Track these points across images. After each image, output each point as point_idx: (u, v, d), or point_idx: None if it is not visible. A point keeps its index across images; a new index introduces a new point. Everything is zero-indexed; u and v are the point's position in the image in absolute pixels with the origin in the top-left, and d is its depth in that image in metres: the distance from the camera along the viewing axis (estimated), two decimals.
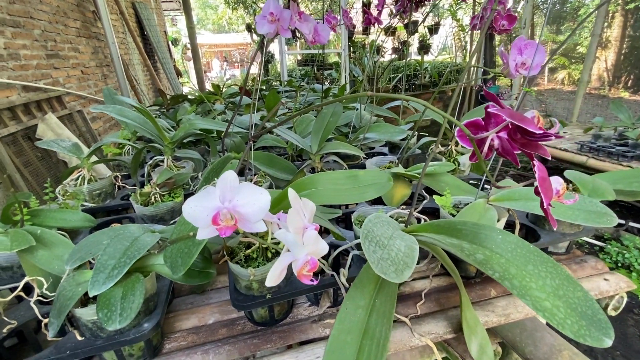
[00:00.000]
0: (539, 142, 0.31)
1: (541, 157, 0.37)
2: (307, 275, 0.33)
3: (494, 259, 0.43)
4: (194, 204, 0.36)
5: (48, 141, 1.04)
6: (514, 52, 0.61)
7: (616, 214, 0.54)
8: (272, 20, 0.87)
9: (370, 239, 0.39)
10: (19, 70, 2.04)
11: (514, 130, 0.30)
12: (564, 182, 0.32)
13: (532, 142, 0.32)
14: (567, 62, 7.76)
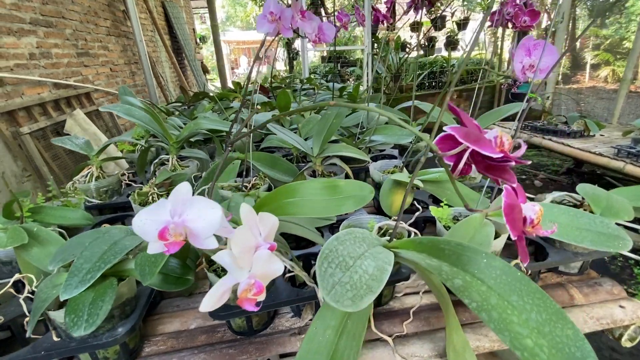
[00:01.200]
0: (503, 166, 0.27)
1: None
2: (250, 301, 0.31)
3: (474, 285, 0.39)
4: (145, 217, 0.34)
5: (62, 138, 1.08)
6: (521, 53, 0.55)
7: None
8: (272, 19, 0.85)
9: (331, 259, 0.36)
10: (50, 68, 2.15)
11: (474, 151, 0.27)
12: (540, 209, 0.27)
13: (495, 166, 0.27)
14: (612, 58, 7.22)
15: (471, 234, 0.55)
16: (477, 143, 0.24)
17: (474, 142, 0.24)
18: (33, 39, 2.02)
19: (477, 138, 0.24)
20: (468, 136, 0.24)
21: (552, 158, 3.79)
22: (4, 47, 1.77)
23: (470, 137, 0.24)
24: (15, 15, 1.88)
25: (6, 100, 1.75)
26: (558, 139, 2.53)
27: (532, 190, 3.05)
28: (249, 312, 0.54)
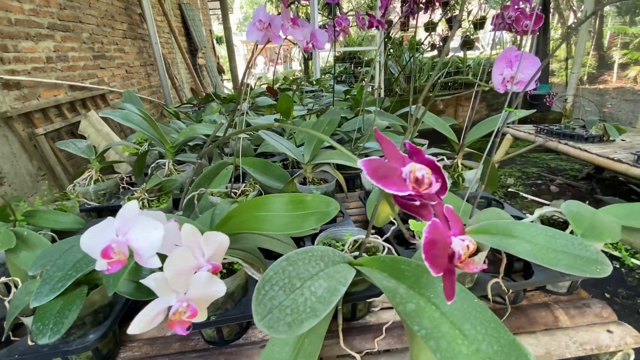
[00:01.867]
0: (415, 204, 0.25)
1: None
2: (182, 323, 0.31)
3: (427, 311, 0.38)
4: (92, 235, 0.35)
5: (66, 142, 1.12)
6: (501, 64, 0.53)
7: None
8: (262, 27, 0.85)
9: (275, 282, 0.35)
10: (67, 71, 2.24)
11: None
12: (472, 242, 0.26)
13: (407, 203, 0.26)
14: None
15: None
16: (382, 180, 0.23)
17: (380, 179, 0.23)
18: (50, 43, 2.10)
19: (385, 174, 0.23)
20: (375, 172, 0.23)
21: (571, 162, 3.64)
22: (22, 51, 1.85)
23: (377, 173, 0.23)
24: (34, 20, 1.97)
25: (23, 102, 1.83)
26: (575, 144, 2.43)
27: (548, 196, 2.94)
28: (216, 323, 0.55)
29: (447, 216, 0.27)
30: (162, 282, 0.30)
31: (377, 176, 0.23)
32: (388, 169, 0.24)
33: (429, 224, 0.25)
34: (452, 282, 0.27)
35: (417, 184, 0.24)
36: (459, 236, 0.26)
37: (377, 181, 0.23)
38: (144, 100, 3.32)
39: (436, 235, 0.25)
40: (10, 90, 1.76)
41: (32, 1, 1.97)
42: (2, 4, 1.74)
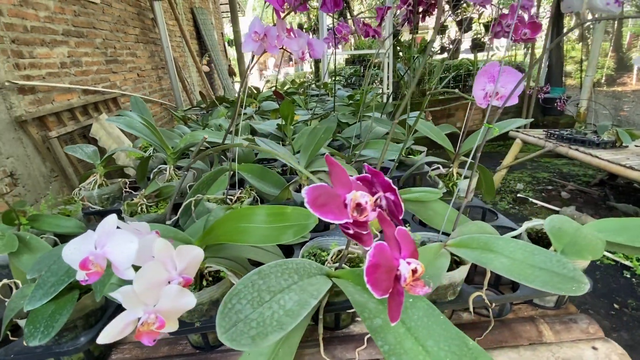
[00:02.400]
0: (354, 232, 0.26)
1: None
2: (150, 334, 0.33)
3: (393, 327, 0.38)
4: (74, 247, 0.37)
5: (74, 147, 1.17)
6: (483, 79, 0.53)
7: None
8: (257, 39, 0.87)
9: (243, 295, 0.37)
10: (80, 75, 2.31)
11: None
12: (419, 265, 0.26)
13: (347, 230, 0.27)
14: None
15: (425, 264, 0.54)
16: (320, 209, 0.24)
17: (318, 207, 0.24)
18: (65, 49, 2.17)
19: (324, 203, 0.24)
20: (315, 201, 0.24)
21: (584, 168, 3.55)
22: (37, 57, 1.93)
23: (316, 201, 0.24)
24: (49, 27, 2.04)
25: (37, 106, 1.90)
26: (586, 149, 2.37)
27: (558, 202, 2.88)
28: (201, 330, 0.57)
29: (399, 239, 0.28)
30: (130, 295, 0.32)
31: (316, 205, 0.24)
32: (330, 197, 0.25)
33: (373, 247, 0.25)
34: (398, 303, 0.27)
35: (358, 212, 0.25)
36: (407, 259, 0.27)
37: (315, 210, 0.24)
38: (154, 103, 3.39)
39: (380, 259, 0.26)
40: (25, 95, 1.83)
41: (48, 8, 2.05)
42: (19, 11, 1.82)
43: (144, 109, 1.47)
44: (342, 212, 0.25)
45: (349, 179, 0.27)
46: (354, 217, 0.25)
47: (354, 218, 0.25)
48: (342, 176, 0.26)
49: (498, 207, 2.93)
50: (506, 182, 3.33)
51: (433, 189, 0.84)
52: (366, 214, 0.25)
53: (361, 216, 0.25)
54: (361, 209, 0.25)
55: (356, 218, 0.25)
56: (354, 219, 0.25)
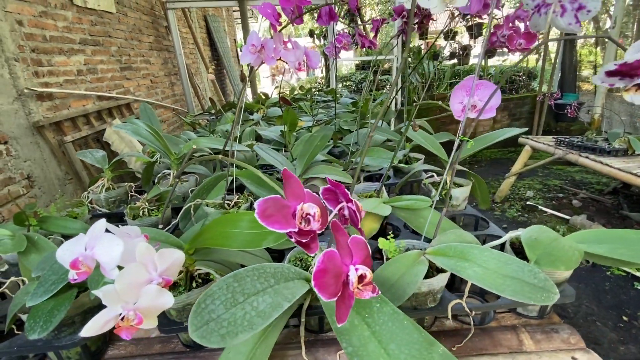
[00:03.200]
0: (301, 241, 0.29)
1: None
2: (128, 330, 0.36)
3: (358, 329, 0.40)
4: (66, 248, 0.41)
5: (84, 152, 1.23)
6: (461, 93, 0.55)
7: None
8: (254, 51, 0.91)
9: (217, 297, 0.40)
10: (95, 82, 2.41)
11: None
12: (367, 271, 0.28)
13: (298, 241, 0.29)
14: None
15: (402, 272, 0.56)
16: (266, 219, 0.26)
17: (265, 218, 0.26)
18: (81, 57, 2.27)
19: (271, 214, 0.27)
20: (264, 212, 0.26)
21: (597, 175, 3.47)
22: (55, 65, 2.02)
23: (265, 213, 0.27)
24: (67, 36, 2.14)
25: (54, 112, 1.99)
26: (596, 157, 2.33)
27: (569, 210, 2.83)
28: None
29: (352, 246, 0.30)
30: (112, 294, 0.35)
31: (264, 216, 0.27)
32: (279, 208, 0.28)
33: (322, 253, 0.28)
34: (346, 306, 0.30)
35: (306, 222, 0.27)
36: (356, 265, 0.29)
37: (262, 220, 0.27)
38: (167, 108, 3.49)
39: (329, 265, 0.28)
40: (43, 102, 1.92)
41: (66, 19, 2.15)
42: (38, 22, 1.92)
43: (152, 115, 1.53)
44: (289, 222, 0.28)
45: (302, 192, 0.29)
46: (301, 227, 0.27)
47: (300, 228, 0.27)
48: (296, 189, 0.29)
49: (506, 214, 2.89)
50: (515, 189, 3.28)
51: (423, 197, 0.86)
52: (310, 225, 0.27)
53: (307, 226, 0.27)
54: (309, 219, 0.27)
55: (302, 228, 0.27)
56: (300, 228, 0.27)
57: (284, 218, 0.27)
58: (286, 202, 0.28)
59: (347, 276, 0.29)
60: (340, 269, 0.28)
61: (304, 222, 0.27)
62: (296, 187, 0.29)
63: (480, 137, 1.01)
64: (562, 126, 4.29)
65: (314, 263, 0.65)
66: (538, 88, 4.17)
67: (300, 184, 0.29)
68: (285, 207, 0.28)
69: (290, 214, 0.27)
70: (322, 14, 0.95)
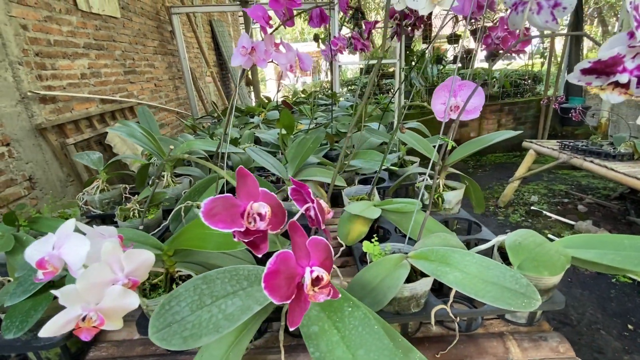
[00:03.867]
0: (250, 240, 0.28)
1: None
2: (89, 331, 0.35)
3: (328, 334, 0.39)
4: (35, 248, 0.41)
5: (81, 154, 1.24)
6: (443, 93, 0.54)
7: None
8: (244, 53, 0.91)
9: (183, 298, 0.39)
10: (99, 85, 2.44)
11: None
12: (324, 273, 0.27)
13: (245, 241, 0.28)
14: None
15: (383, 275, 0.55)
16: (210, 219, 0.26)
17: (210, 217, 0.26)
18: (85, 60, 2.31)
19: (216, 213, 0.26)
20: (209, 212, 0.26)
21: (604, 181, 3.41)
22: (59, 69, 2.06)
23: (210, 212, 0.26)
24: (71, 41, 2.18)
25: (57, 115, 2.02)
26: (601, 162, 2.29)
27: (574, 215, 2.77)
28: None
29: (310, 247, 0.29)
30: (71, 294, 0.35)
31: (209, 215, 0.26)
32: (227, 207, 0.27)
33: (276, 255, 0.27)
34: (301, 309, 0.29)
35: (254, 221, 0.26)
36: (313, 267, 0.28)
37: (206, 219, 0.26)
38: (170, 112, 3.53)
39: (281, 266, 0.27)
40: (46, 104, 1.95)
41: (71, 23, 2.19)
42: (43, 26, 1.95)
43: (150, 118, 1.54)
44: (236, 221, 0.27)
45: (257, 191, 0.28)
46: (249, 226, 0.26)
47: (247, 227, 0.27)
48: (251, 187, 0.28)
49: (510, 219, 2.85)
50: (520, 194, 3.24)
51: (414, 200, 0.84)
52: (256, 224, 0.26)
53: (255, 225, 0.26)
54: (260, 218, 0.26)
55: (250, 227, 0.26)
56: (247, 228, 0.27)
57: (230, 217, 0.26)
58: (237, 202, 0.27)
59: (302, 278, 0.28)
60: (294, 271, 0.28)
61: (253, 221, 0.26)
62: (251, 186, 0.28)
63: (474, 140, 0.99)
64: (567, 130, 4.23)
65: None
66: (543, 92, 4.12)
67: (256, 183, 0.28)
68: (234, 206, 0.27)
69: (239, 213, 0.27)
70: (313, 16, 0.95)
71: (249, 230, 0.27)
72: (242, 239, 0.27)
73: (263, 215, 0.26)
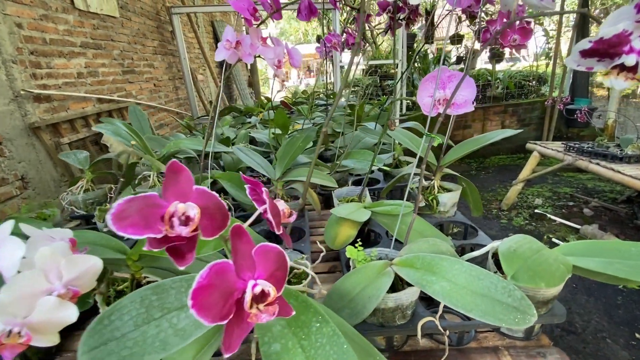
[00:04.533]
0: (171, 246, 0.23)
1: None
2: (14, 348, 0.31)
3: (291, 353, 0.35)
4: None
5: (67, 153, 1.21)
6: (429, 85, 0.49)
7: None
8: (229, 47, 0.87)
9: (126, 311, 0.34)
10: (96, 85, 2.42)
11: None
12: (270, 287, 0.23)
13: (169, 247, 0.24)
14: None
15: (364, 284, 0.50)
16: (119, 222, 0.21)
17: (118, 220, 0.21)
18: (82, 60, 2.29)
19: (127, 216, 0.21)
20: (119, 215, 0.21)
21: (611, 183, 3.32)
22: (54, 67, 2.04)
23: (121, 215, 0.21)
24: (67, 39, 2.16)
25: (52, 114, 2.00)
26: (607, 164, 2.22)
27: (579, 219, 2.70)
28: None
29: (257, 257, 0.25)
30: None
31: (119, 218, 0.22)
32: (145, 208, 0.22)
33: (209, 267, 0.22)
34: (240, 331, 0.24)
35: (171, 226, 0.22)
36: (257, 280, 0.24)
37: (114, 223, 0.22)
38: (169, 112, 3.51)
39: (216, 280, 0.22)
40: (41, 103, 1.93)
41: (67, 22, 2.17)
42: (38, 25, 1.93)
43: (141, 116, 1.51)
44: (151, 225, 0.22)
45: (190, 189, 0.24)
46: (170, 231, 0.22)
47: (167, 233, 0.22)
48: (182, 185, 0.24)
49: (513, 223, 2.78)
50: (523, 197, 3.17)
51: (406, 202, 0.79)
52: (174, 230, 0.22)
53: (173, 230, 0.22)
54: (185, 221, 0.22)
55: (169, 233, 0.22)
56: (166, 234, 0.22)
57: (144, 221, 0.22)
58: (160, 202, 0.23)
59: (243, 294, 0.23)
60: (233, 285, 0.23)
61: (171, 226, 0.22)
62: (183, 184, 0.24)
63: (471, 139, 0.94)
64: (573, 132, 4.14)
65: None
66: (548, 93, 4.05)
67: (190, 180, 0.24)
68: (155, 207, 0.23)
69: (159, 215, 0.22)
70: (301, 9, 0.90)
71: (168, 237, 0.22)
72: (157, 247, 0.23)
73: (191, 218, 0.22)
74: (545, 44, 5.41)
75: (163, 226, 0.22)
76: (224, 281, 0.23)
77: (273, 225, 0.28)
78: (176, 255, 0.25)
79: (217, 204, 0.24)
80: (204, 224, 0.24)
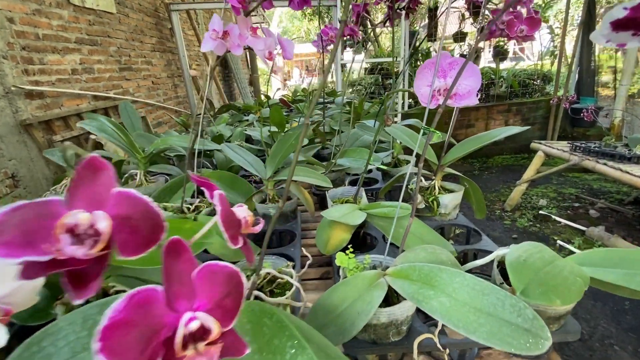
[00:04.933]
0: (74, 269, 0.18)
1: None
2: None
3: None
4: None
5: (52, 150, 1.16)
6: (428, 73, 0.44)
7: None
8: (215, 37, 0.81)
9: (64, 334, 0.29)
10: (91, 82, 2.38)
11: None
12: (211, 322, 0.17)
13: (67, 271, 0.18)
14: None
15: (353, 297, 0.45)
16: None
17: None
18: (77, 56, 2.24)
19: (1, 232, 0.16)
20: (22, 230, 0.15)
21: (617, 184, 3.24)
22: (47, 64, 1.99)
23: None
24: (61, 35, 2.11)
25: (45, 111, 1.96)
26: (615, 164, 2.15)
27: (586, 221, 2.63)
28: None
29: (198, 280, 0.19)
30: None
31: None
32: (30, 221, 0.17)
33: (127, 296, 0.17)
34: None
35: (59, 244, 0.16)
36: (197, 312, 0.18)
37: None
38: (167, 109, 3.46)
39: (135, 315, 0.17)
40: (33, 100, 1.88)
41: (62, 17, 2.12)
42: (31, 20, 1.89)
43: (132, 113, 1.46)
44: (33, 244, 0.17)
45: (107, 194, 0.19)
46: (57, 252, 0.16)
47: (58, 254, 0.16)
48: (97, 189, 0.18)
49: (517, 224, 2.71)
50: (528, 198, 3.10)
51: (403, 203, 0.74)
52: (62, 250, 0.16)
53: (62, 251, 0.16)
54: (88, 237, 0.17)
55: (57, 255, 0.16)
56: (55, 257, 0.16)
57: (24, 238, 0.16)
58: (57, 211, 0.17)
59: (175, 331, 0.18)
60: (161, 321, 0.17)
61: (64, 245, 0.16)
62: (100, 186, 0.18)
63: (474, 137, 0.89)
64: (578, 131, 4.06)
65: (248, 283, 0.54)
66: (553, 91, 3.97)
67: (109, 183, 0.19)
68: (46, 218, 0.17)
69: (50, 230, 0.17)
70: None
71: (57, 261, 0.17)
72: (40, 273, 0.17)
73: (99, 233, 0.16)
74: (550, 42, 5.32)
75: (54, 245, 0.16)
76: (147, 316, 0.17)
77: (226, 237, 0.23)
78: (74, 283, 0.19)
79: (145, 213, 0.19)
80: (122, 239, 0.19)
